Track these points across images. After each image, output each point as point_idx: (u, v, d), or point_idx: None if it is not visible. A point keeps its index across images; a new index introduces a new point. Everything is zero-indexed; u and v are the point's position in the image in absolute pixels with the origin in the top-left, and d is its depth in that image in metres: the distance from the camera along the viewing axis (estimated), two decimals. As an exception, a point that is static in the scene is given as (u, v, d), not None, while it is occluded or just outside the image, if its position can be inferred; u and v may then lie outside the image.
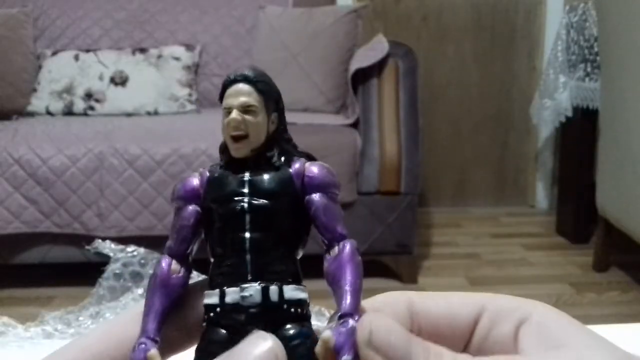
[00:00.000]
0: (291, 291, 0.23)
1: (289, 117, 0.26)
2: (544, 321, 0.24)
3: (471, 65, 3.14)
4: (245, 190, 0.23)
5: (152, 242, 1.93)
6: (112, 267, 0.57)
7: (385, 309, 0.25)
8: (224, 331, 0.22)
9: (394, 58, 2.23)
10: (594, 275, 2.34)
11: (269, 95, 0.24)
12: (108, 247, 0.58)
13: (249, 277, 0.22)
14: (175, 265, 0.24)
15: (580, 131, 2.54)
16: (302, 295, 0.23)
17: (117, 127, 2.21)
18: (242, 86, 0.24)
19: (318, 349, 0.22)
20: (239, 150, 0.24)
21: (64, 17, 2.69)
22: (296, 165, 0.24)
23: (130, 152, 2.07)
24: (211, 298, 0.23)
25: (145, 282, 0.56)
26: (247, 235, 0.23)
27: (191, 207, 0.24)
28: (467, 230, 2.89)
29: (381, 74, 2.22)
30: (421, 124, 2.22)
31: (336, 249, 0.23)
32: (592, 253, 2.40)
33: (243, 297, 0.22)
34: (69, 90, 2.48)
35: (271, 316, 0.22)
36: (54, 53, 2.58)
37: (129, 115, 2.45)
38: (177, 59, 2.56)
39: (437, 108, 3.12)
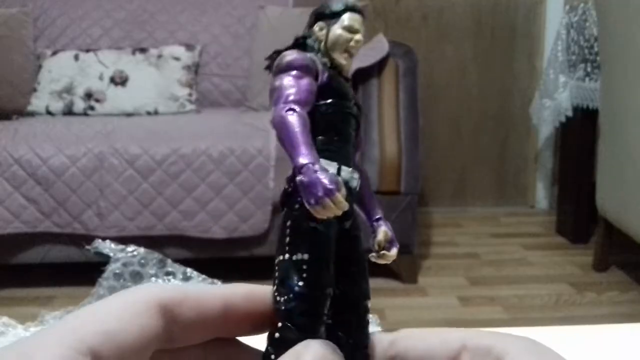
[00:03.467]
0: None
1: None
2: None
3: (471, 65, 3.14)
4: (352, 96, 0.29)
5: (152, 242, 1.94)
6: (112, 267, 0.57)
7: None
8: None
9: (394, 58, 2.23)
10: (593, 275, 2.34)
11: None
12: (108, 247, 0.58)
13: (351, 166, 0.27)
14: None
15: (580, 131, 2.54)
16: None
17: (117, 127, 2.21)
18: (359, 17, 0.29)
19: (380, 238, 0.30)
20: (349, 63, 0.29)
21: (64, 17, 2.69)
22: None
23: (130, 152, 2.07)
24: (330, 166, 0.26)
25: (145, 282, 0.56)
26: (353, 133, 0.28)
27: (312, 80, 0.27)
28: (467, 230, 2.89)
29: (381, 74, 2.22)
30: (421, 124, 2.22)
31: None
32: (592, 253, 2.40)
33: (353, 179, 0.27)
34: (69, 90, 2.48)
35: (353, 200, 0.28)
36: (54, 53, 2.58)
37: (129, 115, 2.45)
38: (177, 59, 2.56)
39: (437, 108, 3.11)
